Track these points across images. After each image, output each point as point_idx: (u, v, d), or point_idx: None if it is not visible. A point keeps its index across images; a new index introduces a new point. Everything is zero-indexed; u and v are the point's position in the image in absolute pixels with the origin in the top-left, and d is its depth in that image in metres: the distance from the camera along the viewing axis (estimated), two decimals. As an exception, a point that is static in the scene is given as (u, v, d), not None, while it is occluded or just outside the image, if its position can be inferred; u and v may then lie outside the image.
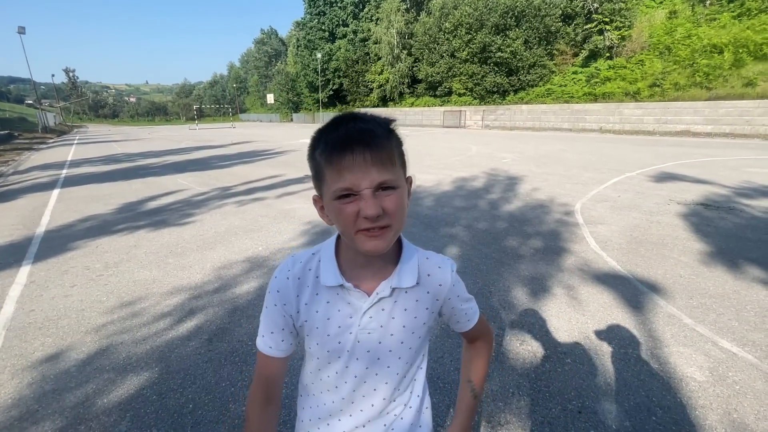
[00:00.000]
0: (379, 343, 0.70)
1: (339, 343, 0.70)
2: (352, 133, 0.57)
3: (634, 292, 3.02)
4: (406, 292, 0.70)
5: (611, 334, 2.47)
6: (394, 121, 0.62)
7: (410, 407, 0.78)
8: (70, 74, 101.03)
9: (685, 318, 2.64)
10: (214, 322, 2.68)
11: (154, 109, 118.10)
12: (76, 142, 23.92)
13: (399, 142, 0.63)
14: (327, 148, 0.58)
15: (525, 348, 2.34)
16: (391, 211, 0.58)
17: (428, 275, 0.72)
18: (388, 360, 0.72)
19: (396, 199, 0.59)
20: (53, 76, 64.17)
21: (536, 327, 2.57)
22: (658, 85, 22.40)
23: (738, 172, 8.18)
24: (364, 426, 0.75)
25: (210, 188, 7.52)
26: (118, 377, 2.12)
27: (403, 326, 0.71)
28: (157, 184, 8.12)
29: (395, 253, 0.70)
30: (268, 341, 0.73)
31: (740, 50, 19.76)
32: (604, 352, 2.29)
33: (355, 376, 0.72)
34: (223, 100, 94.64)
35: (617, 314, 2.70)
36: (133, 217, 5.44)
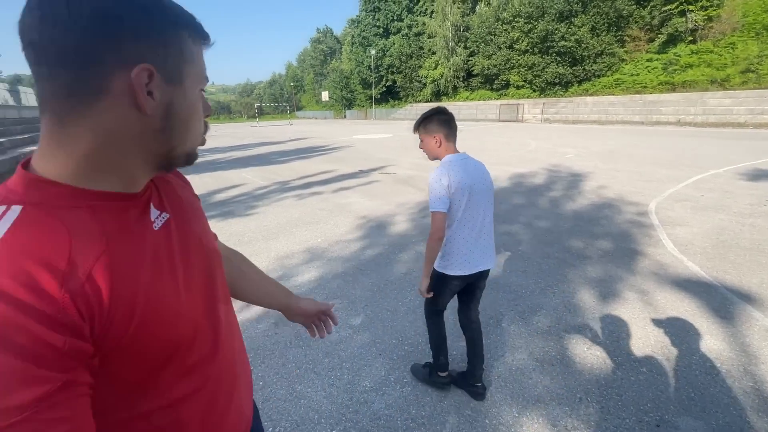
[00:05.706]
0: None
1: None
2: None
3: (722, 301, 2.72)
4: None
5: (695, 345, 2.25)
6: None
7: None
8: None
9: (788, 333, 2.32)
10: (279, 307, 2.84)
11: (219, 108, 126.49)
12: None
13: None
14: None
15: (592, 353, 2.21)
16: None
17: None
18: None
19: None
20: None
21: (605, 332, 2.41)
22: (753, 71, 19.71)
23: None
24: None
25: (271, 182, 7.95)
26: (197, 351, 2.33)
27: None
28: (224, 177, 8.74)
29: None
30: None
31: None
32: (686, 363, 2.09)
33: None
34: (281, 98, 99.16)
35: (701, 324, 2.45)
36: (204, 208, 5.90)
